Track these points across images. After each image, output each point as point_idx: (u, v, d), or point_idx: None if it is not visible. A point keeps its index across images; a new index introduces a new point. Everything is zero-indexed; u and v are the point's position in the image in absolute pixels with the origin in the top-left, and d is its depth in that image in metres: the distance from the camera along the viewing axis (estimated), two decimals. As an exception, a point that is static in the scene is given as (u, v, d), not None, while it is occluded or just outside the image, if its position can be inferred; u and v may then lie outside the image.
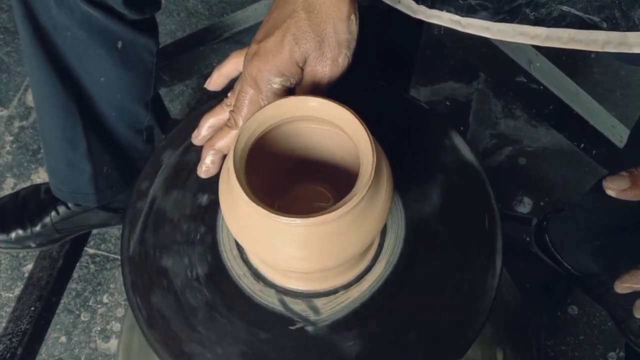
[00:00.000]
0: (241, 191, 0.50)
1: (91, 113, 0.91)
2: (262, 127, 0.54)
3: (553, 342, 1.26)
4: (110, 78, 0.87)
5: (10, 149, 1.48)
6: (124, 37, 0.83)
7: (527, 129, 1.49)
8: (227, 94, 0.64)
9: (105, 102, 0.90)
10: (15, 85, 1.58)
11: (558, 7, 0.59)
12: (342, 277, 0.60)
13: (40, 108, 0.90)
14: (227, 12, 1.68)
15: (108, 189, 1.02)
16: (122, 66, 0.86)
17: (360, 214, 0.52)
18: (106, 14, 0.79)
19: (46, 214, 1.14)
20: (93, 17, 0.79)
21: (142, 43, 0.86)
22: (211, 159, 0.62)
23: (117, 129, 0.95)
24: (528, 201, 1.40)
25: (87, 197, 1.03)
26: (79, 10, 0.78)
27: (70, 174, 0.98)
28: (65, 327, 1.28)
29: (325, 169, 0.62)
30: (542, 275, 1.30)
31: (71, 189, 1.02)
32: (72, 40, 0.81)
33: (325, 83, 0.58)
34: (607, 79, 1.56)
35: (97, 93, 0.88)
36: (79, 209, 1.12)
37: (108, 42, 0.83)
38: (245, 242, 0.55)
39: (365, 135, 0.52)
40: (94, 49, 0.83)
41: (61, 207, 1.13)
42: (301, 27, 0.56)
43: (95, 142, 0.93)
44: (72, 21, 0.79)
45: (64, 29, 0.80)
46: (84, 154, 0.94)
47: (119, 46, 0.83)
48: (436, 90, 1.54)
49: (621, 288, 0.62)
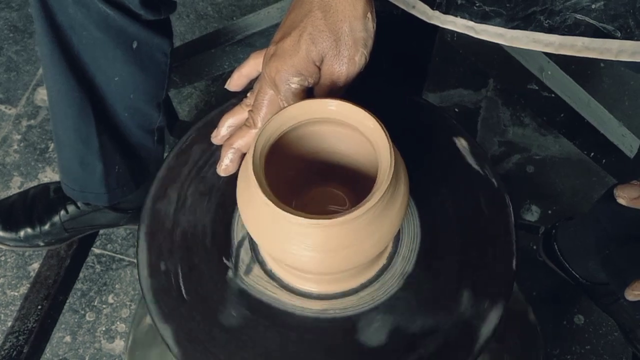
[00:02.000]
0: (260, 191, 0.50)
1: (104, 112, 0.91)
2: (282, 128, 0.54)
3: (559, 352, 1.25)
4: (124, 78, 0.87)
5: (17, 148, 1.48)
6: (139, 37, 0.83)
7: (535, 137, 1.49)
8: (247, 94, 0.64)
9: (118, 101, 0.90)
10: (24, 84, 1.58)
11: (572, 15, 0.59)
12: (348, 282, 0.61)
13: (55, 106, 0.90)
14: (236, 15, 1.68)
15: (119, 188, 1.02)
16: (136, 66, 0.86)
17: (377, 217, 0.52)
18: (122, 14, 0.80)
19: (55, 213, 1.13)
20: (110, 17, 0.79)
21: (156, 44, 0.86)
22: (230, 157, 0.63)
23: (128, 128, 0.95)
24: (536, 209, 1.40)
25: (98, 197, 1.03)
26: (96, 10, 0.78)
27: (82, 173, 0.98)
28: (70, 326, 1.28)
29: (341, 171, 0.62)
30: (548, 284, 1.30)
31: (82, 188, 1.02)
32: (88, 39, 0.82)
33: (342, 82, 0.59)
34: (616, 88, 1.56)
35: (111, 93, 0.89)
36: (88, 209, 1.12)
37: (123, 42, 0.83)
38: (262, 242, 0.55)
39: (384, 138, 0.52)
40: (110, 49, 0.83)
41: (70, 207, 1.13)
42: (317, 27, 0.56)
43: (107, 142, 0.93)
44: (88, 20, 0.79)
45: (81, 28, 0.80)
46: (96, 153, 0.94)
47: (134, 46, 0.84)
48: (445, 96, 1.54)
49: (632, 295, 0.62)
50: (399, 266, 0.62)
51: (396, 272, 0.61)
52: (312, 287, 0.60)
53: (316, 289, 0.60)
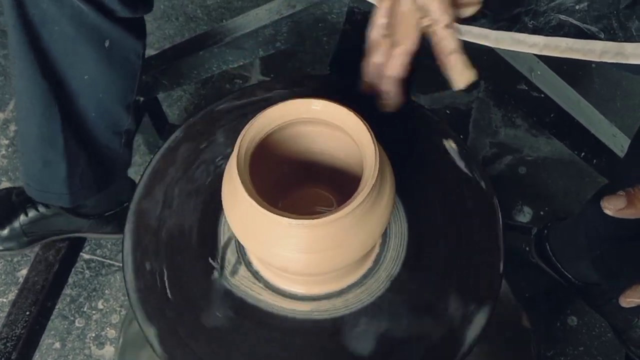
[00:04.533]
0: (244, 191, 0.49)
1: (71, 111, 0.88)
2: (266, 128, 0.54)
3: (552, 353, 1.25)
4: (94, 76, 0.85)
5: (5, 153, 1.47)
6: (112, 35, 0.82)
7: (527, 138, 1.49)
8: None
9: (86, 100, 0.88)
10: (12, 89, 1.57)
11: (557, 16, 0.60)
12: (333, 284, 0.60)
13: (20, 102, 0.88)
14: (226, 17, 1.68)
15: (82, 190, 0.99)
16: (107, 65, 0.85)
17: (362, 217, 0.51)
18: (97, 11, 0.78)
19: (15, 217, 1.11)
20: (83, 13, 0.77)
21: (129, 44, 0.85)
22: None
23: (96, 129, 0.92)
24: (528, 210, 1.39)
25: (60, 197, 0.99)
26: (70, 4, 0.76)
27: (45, 172, 0.95)
28: (60, 333, 1.26)
29: (328, 172, 0.62)
30: (541, 286, 1.29)
31: (45, 188, 0.98)
32: (60, 34, 0.79)
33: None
34: (608, 89, 1.56)
35: (80, 91, 0.86)
36: (49, 212, 1.10)
37: (96, 39, 0.81)
38: (247, 243, 0.54)
39: (369, 138, 0.52)
40: (81, 46, 0.81)
41: (31, 210, 1.10)
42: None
43: (72, 141, 0.91)
44: (61, 15, 0.77)
45: (52, 22, 0.78)
46: (60, 152, 0.91)
47: (106, 45, 0.82)
48: (436, 98, 1.54)
49: (625, 303, 0.62)
50: (386, 268, 0.61)
51: (382, 275, 0.61)
52: (298, 289, 0.60)
53: (302, 290, 0.60)
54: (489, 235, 0.63)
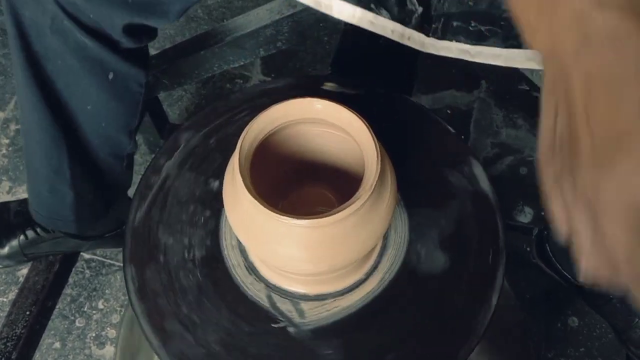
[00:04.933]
0: (245, 190, 0.49)
1: (76, 140, 0.89)
2: (268, 128, 0.54)
3: (553, 354, 1.25)
4: (97, 107, 0.85)
5: (6, 152, 1.47)
6: (116, 67, 0.82)
7: (528, 139, 1.49)
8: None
9: (90, 130, 0.88)
10: (12, 88, 1.57)
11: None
12: (334, 284, 0.60)
13: (27, 134, 0.89)
14: (226, 17, 1.68)
15: (88, 217, 1.01)
16: (110, 96, 0.85)
17: (362, 219, 0.51)
18: (101, 44, 0.78)
19: (14, 237, 1.11)
20: (87, 47, 0.78)
21: (132, 74, 0.85)
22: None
23: (99, 156, 0.93)
24: (529, 211, 1.39)
25: (67, 224, 1.01)
26: (74, 39, 0.77)
27: (52, 200, 0.96)
28: (60, 332, 1.26)
29: (329, 172, 0.62)
30: (542, 286, 1.29)
31: (52, 215, 1.00)
32: (63, 68, 0.80)
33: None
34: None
35: (83, 121, 0.87)
36: (48, 236, 1.10)
37: (99, 72, 0.81)
38: (247, 241, 0.54)
39: (370, 138, 0.52)
40: (85, 78, 0.81)
41: (29, 232, 1.10)
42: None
43: (77, 169, 0.92)
44: (65, 49, 0.78)
45: (56, 56, 0.79)
46: (67, 182, 0.92)
47: (110, 77, 0.82)
48: (437, 98, 1.53)
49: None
50: (386, 268, 0.61)
51: (383, 275, 0.60)
52: (300, 289, 0.60)
53: (303, 290, 0.59)
54: (489, 237, 0.63)
